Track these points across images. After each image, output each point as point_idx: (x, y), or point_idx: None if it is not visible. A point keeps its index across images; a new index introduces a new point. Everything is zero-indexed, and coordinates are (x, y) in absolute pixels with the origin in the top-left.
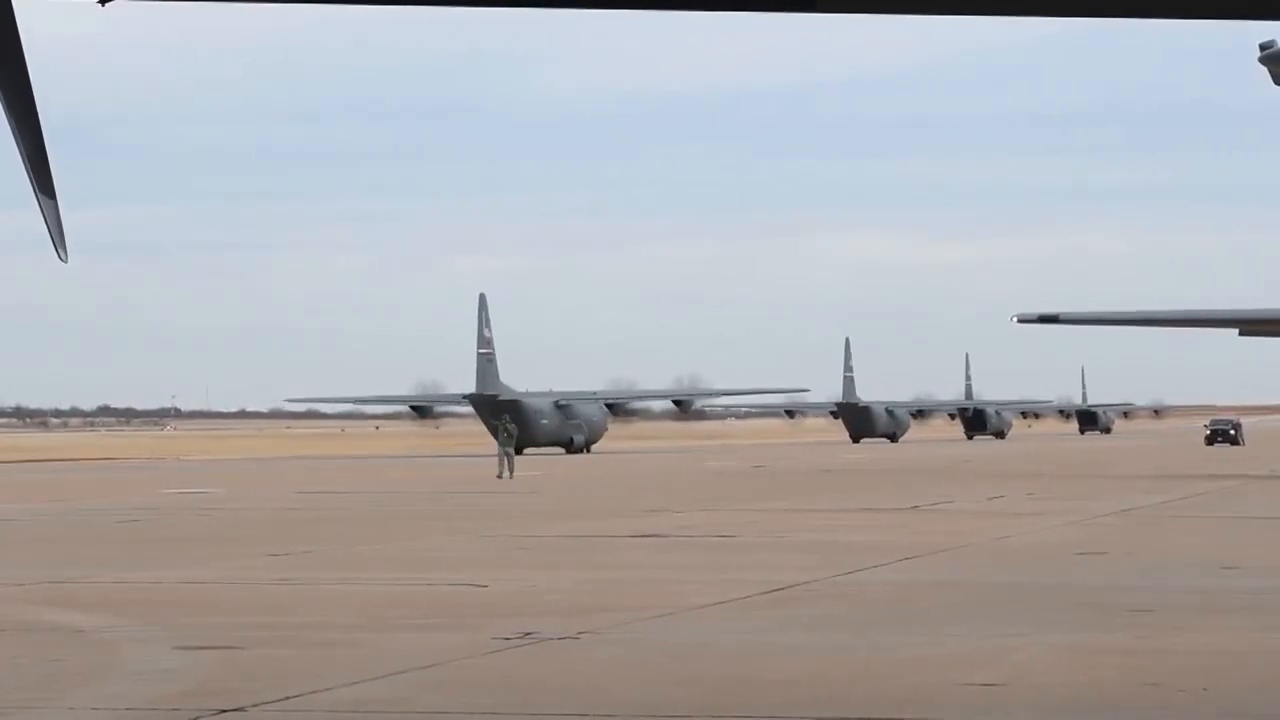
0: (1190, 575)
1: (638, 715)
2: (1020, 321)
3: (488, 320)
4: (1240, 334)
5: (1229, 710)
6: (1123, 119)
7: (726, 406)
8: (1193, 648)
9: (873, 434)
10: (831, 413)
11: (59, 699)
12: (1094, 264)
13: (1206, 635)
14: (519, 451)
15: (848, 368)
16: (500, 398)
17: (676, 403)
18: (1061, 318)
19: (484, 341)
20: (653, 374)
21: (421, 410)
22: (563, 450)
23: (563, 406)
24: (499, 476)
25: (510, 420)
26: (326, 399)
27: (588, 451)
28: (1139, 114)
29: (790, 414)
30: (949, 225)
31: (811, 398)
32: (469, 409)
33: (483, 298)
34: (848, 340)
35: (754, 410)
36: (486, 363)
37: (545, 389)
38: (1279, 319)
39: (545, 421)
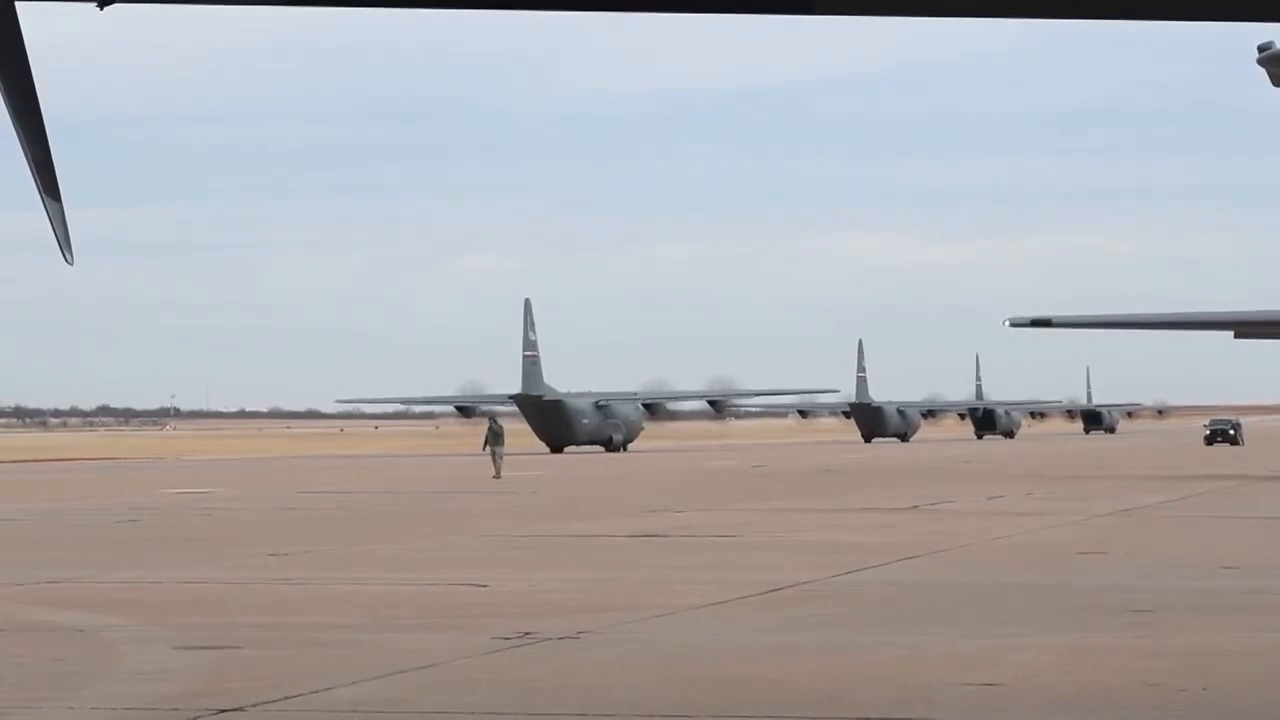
0: (1190, 575)
1: (637, 715)
2: (1013, 325)
3: (533, 324)
4: (1235, 336)
5: (1229, 710)
6: (1123, 119)
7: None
8: (1193, 648)
9: (884, 434)
10: (844, 412)
11: (59, 699)
12: (1096, 264)
13: (1206, 635)
14: (559, 450)
15: (860, 368)
16: (545, 398)
17: (712, 403)
18: (1054, 321)
19: (529, 344)
20: (658, 374)
21: (466, 410)
22: (602, 449)
23: (602, 407)
24: (495, 477)
25: (497, 420)
26: (374, 399)
27: (624, 450)
28: (1139, 114)
29: (803, 414)
30: (950, 226)
31: (824, 398)
32: (512, 409)
33: (528, 303)
34: (860, 342)
35: (766, 410)
36: (531, 364)
37: (584, 389)
38: (1273, 321)
39: (586, 421)
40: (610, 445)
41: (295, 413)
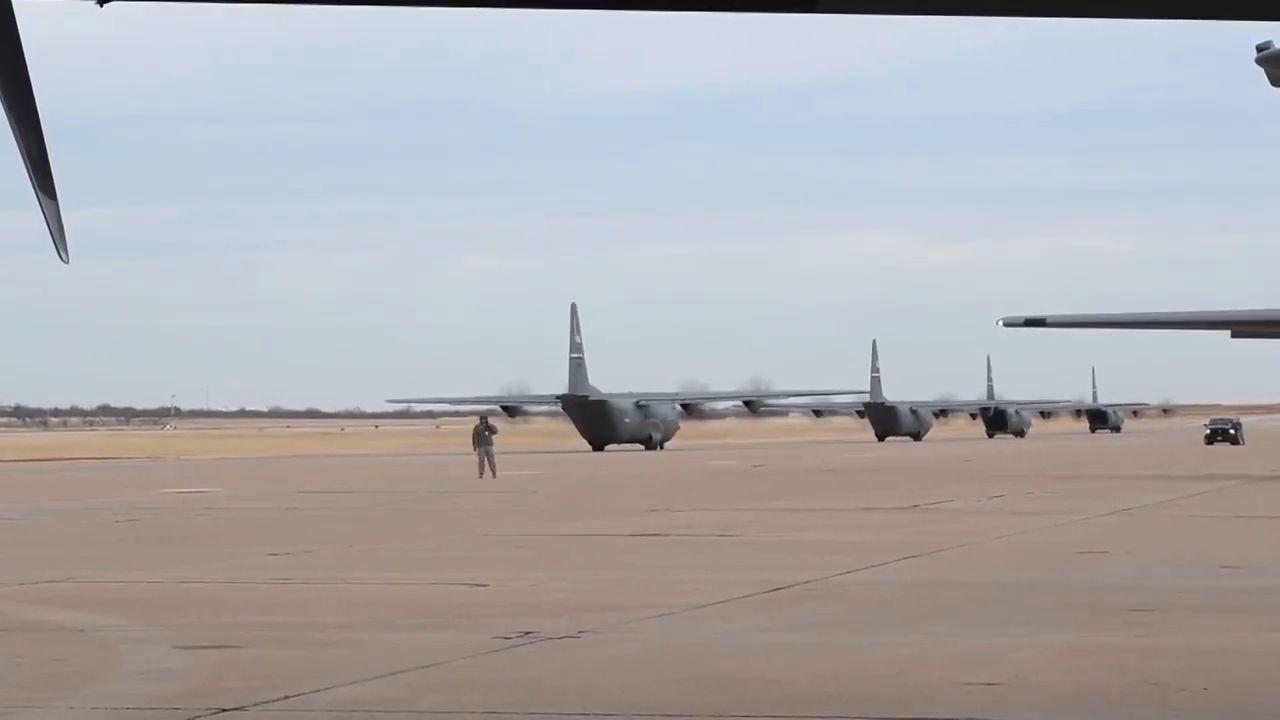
0: (1190, 575)
1: (638, 715)
2: (1006, 325)
3: (578, 327)
4: (1232, 336)
5: (1229, 710)
6: (1123, 119)
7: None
8: (1193, 648)
9: (898, 433)
10: (858, 412)
11: (59, 699)
12: (1096, 264)
13: (1206, 635)
14: (601, 448)
15: (874, 368)
16: (590, 398)
17: (747, 403)
18: (1048, 321)
19: (575, 346)
20: (664, 374)
21: (511, 410)
22: (641, 447)
23: (642, 406)
24: (491, 476)
25: (488, 420)
26: (423, 399)
27: (661, 448)
28: (1139, 114)
29: (818, 413)
30: (950, 226)
31: (840, 398)
32: (555, 408)
33: (574, 307)
34: (874, 342)
35: (773, 410)
36: (577, 366)
37: (626, 390)
38: (1270, 320)
39: (628, 420)
40: (649, 444)
41: (295, 412)
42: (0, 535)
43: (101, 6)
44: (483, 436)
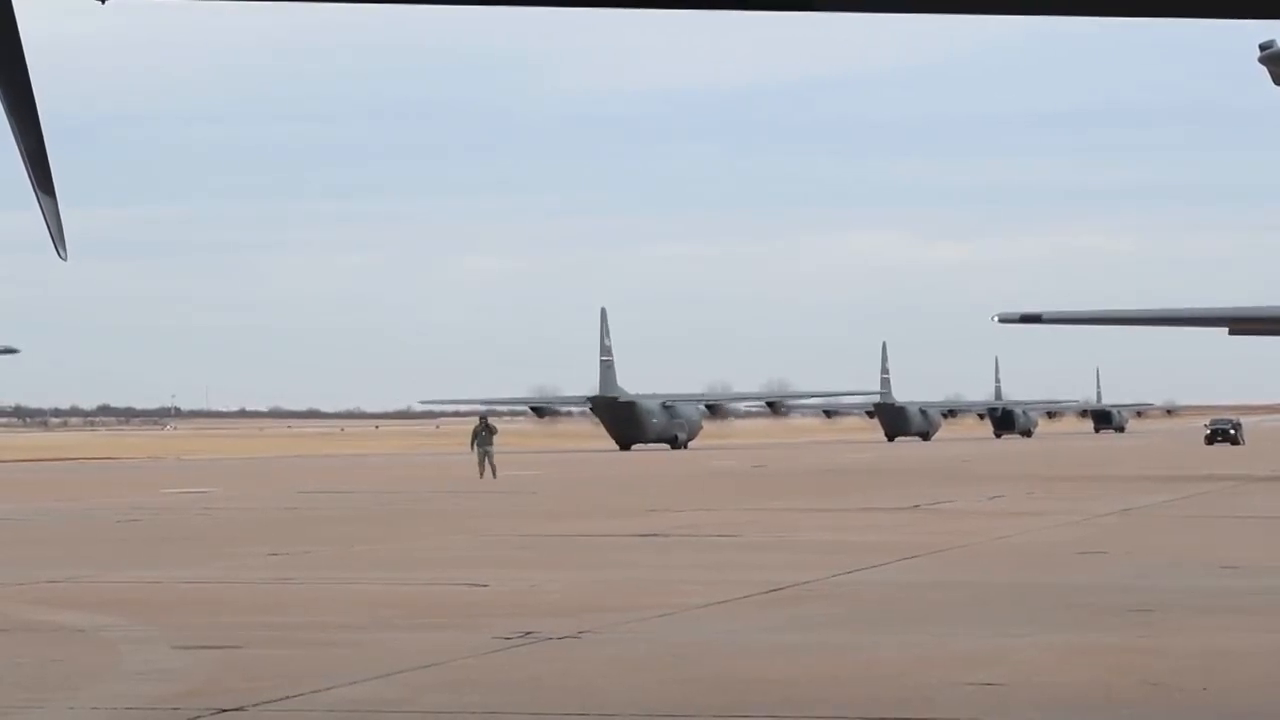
0: (1190, 575)
1: (638, 715)
2: (1001, 321)
3: (608, 330)
4: (1230, 333)
5: (1229, 710)
6: (1123, 119)
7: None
8: (1193, 648)
9: (907, 433)
10: (868, 412)
11: (59, 699)
12: (1096, 264)
13: (1206, 635)
14: (627, 447)
15: (884, 369)
16: (619, 400)
17: (769, 404)
18: (1044, 317)
19: (605, 350)
20: (663, 374)
21: (540, 411)
22: (668, 446)
23: (668, 407)
24: (494, 477)
25: (488, 421)
26: (452, 400)
27: (685, 448)
28: (1139, 114)
29: (828, 413)
30: (951, 226)
31: (849, 399)
32: (584, 409)
33: (603, 311)
34: (884, 344)
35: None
36: (607, 369)
37: (651, 391)
38: (1267, 317)
39: (655, 420)
40: (675, 444)
41: (295, 412)
42: (0, 535)
43: (104, 3)
44: (481, 437)
